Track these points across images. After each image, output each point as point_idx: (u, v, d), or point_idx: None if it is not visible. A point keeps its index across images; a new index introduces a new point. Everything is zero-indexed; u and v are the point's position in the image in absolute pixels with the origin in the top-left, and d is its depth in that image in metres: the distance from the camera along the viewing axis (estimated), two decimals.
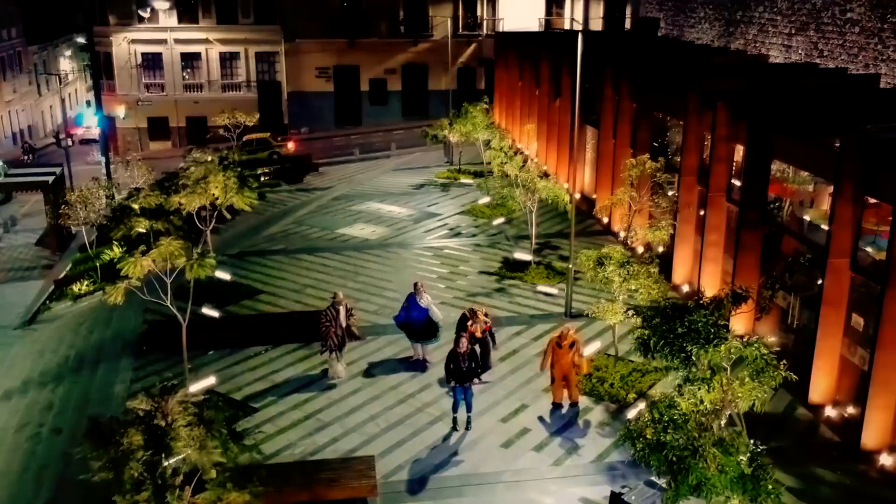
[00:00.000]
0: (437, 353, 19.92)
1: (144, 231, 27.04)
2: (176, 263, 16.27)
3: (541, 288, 24.44)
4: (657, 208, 21.51)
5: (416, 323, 19.61)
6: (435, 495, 15.06)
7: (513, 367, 19.76)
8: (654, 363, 13.55)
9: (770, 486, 11.52)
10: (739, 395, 11.95)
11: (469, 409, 17.20)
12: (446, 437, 16.94)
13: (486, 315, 19.10)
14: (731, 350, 11.29)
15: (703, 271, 22.78)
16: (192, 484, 10.67)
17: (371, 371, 19.60)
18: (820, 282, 17.43)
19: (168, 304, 16.82)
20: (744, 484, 11.34)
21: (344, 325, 18.97)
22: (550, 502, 14.81)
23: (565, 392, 17.54)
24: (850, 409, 17.08)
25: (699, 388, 11.81)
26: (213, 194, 21.11)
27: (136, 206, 31.12)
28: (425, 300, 19.59)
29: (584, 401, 18.07)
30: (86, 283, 27.95)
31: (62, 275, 29.65)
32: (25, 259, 33.65)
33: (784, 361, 11.89)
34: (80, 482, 11.22)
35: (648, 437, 10.84)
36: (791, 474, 15.41)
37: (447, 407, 17.56)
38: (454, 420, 17.26)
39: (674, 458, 10.78)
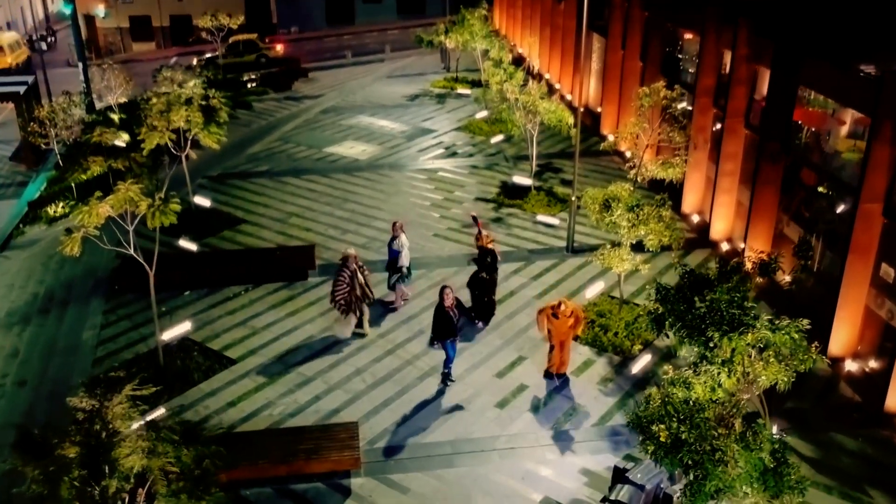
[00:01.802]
0: (425, 296, 18.62)
1: (124, 144, 25.28)
2: (137, 210, 14.64)
3: (541, 218, 22.87)
4: (671, 143, 19.57)
5: (390, 262, 18.38)
6: (424, 465, 13.92)
7: (510, 312, 18.42)
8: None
9: (794, 481, 10.29)
10: (763, 375, 10.60)
11: (450, 362, 15.98)
12: (436, 395, 15.73)
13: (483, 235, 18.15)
14: (759, 338, 9.86)
15: (715, 202, 21.19)
16: (146, 488, 9.43)
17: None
18: (843, 219, 15.91)
19: (132, 252, 15.30)
20: (765, 481, 10.11)
21: (363, 282, 17.22)
22: (548, 474, 13.69)
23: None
24: (873, 365, 15.83)
25: (718, 372, 10.44)
26: (187, 118, 19.20)
27: (115, 117, 29.07)
28: (398, 242, 18.09)
29: (585, 352, 16.82)
30: (61, 204, 26.35)
31: (36, 196, 28.03)
32: None
33: (815, 344, 10.48)
34: None
35: (662, 439, 9.54)
36: (808, 441, 14.29)
37: (438, 360, 16.29)
38: (445, 375, 16.03)
39: (690, 462, 9.52)
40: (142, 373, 16.17)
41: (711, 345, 10.17)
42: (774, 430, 11.33)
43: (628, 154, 23.95)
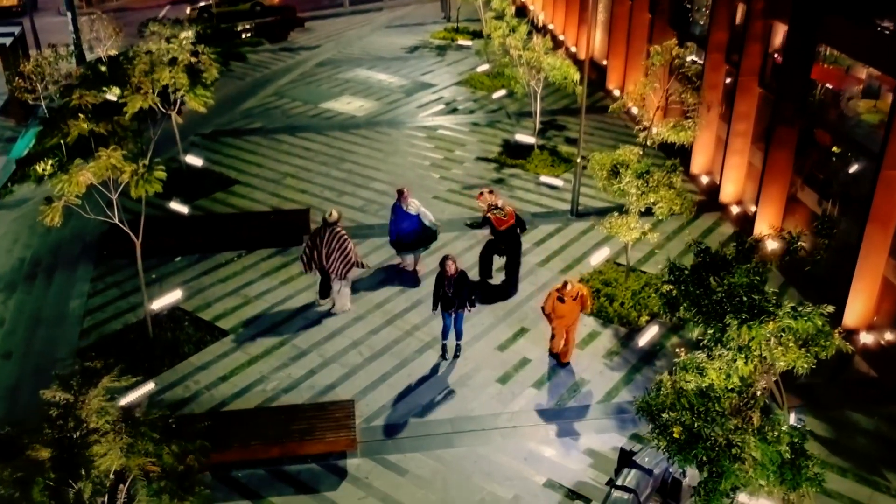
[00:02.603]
0: (424, 263, 17.98)
1: (115, 98, 24.34)
2: (120, 178, 13.90)
3: (544, 179, 22.06)
4: (682, 104, 18.61)
5: (409, 234, 17.37)
6: (422, 445, 13.40)
7: None
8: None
9: (812, 473, 9.74)
10: (782, 361, 9.95)
11: (458, 337, 15.37)
12: (436, 369, 15.18)
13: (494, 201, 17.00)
14: (781, 326, 9.19)
15: (726, 163, 20.39)
16: (126, 485, 8.89)
17: (354, 285, 17.50)
18: (862, 185, 15.15)
19: (116, 221, 14.61)
20: (782, 474, 9.56)
21: None
22: (551, 455, 13.18)
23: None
24: (890, 338, 15.22)
25: (735, 359, 9.77)
26: (173, 78, 18.23)
27: (104, 69, 27.84)
28: (413, 205, 17.32)
29: (590, 323, 16.21)
30: (50, 162, 25.51)
31: (24, 153, 27.19)
32: None
33: (839, 329, 9.83)
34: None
35: (676, 435, 8.96)
36: (821, 419, 13.75)
37: (437, 331, 15.68)
38: (443, 348, 15.46)
39: (704, 459, 8.95)
40: (130, 345, 15.78)
41: (728, 331, 9.51)
42: (792, 418, 10.77)
43: (634, 110, 23.02)
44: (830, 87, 17.46)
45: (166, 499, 8.55)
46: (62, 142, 25.49)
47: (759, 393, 9.58)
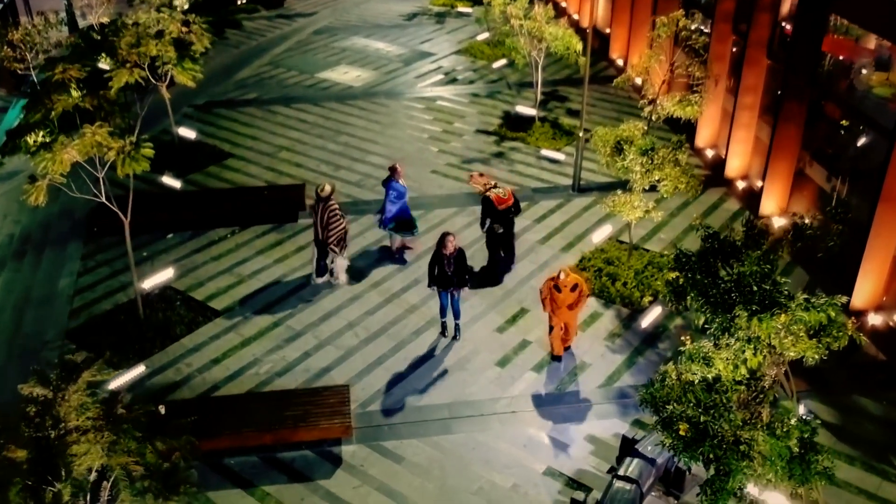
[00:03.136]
0: (422, 240, 17.53)
1: (108, 68, 23.74)
2: (106, 156, 13.43)
3: (545, 153, 21.52)
4: (689, 78, 18.00)
5: (408, 210, 16.88)
6: (419, 431, 13.07)
7: None
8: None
9: (821, 467, 9.40)
10: (792, 352, 9.56)
11: (457, 317, 14.99)
12: (433, 351, 14.81)
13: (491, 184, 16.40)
14: (793, 319, 8.77)
15: (732, 137, 19.84)
16: (110, 482, 8.54)
17: (351, 263, 17.08)
18: (873, 162, 14.66)
19: (104, 200, 14.17)
20: (791, 469, 9.22)
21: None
22: (551, 441, 12.84)
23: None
24: None
25: (743, 349, 9.37)
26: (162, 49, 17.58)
27: (95, 37, 27.30)
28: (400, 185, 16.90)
29: (592, 304, 15.81)
30: (41, 133, 24.88)
31: (15, 124, 26.59)
32: None
33: (853, 319, 9.42)
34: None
35: (682, 432, 8.60)
36: (828, 405, 13.40)
37: (435, 311, 15.32)
38: (442, 325, 15.11)
39: (711, 456, 8.60)
40: (121, 327, 15.40)
41: (737, 321, 9.09)
42: (801, 409, 10.42)
43: (638, 81, 22.40)
44: (841, 58, 16.89)
45: (150, 498, 8.21)
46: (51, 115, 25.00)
47: (767, 386, 9.20)
